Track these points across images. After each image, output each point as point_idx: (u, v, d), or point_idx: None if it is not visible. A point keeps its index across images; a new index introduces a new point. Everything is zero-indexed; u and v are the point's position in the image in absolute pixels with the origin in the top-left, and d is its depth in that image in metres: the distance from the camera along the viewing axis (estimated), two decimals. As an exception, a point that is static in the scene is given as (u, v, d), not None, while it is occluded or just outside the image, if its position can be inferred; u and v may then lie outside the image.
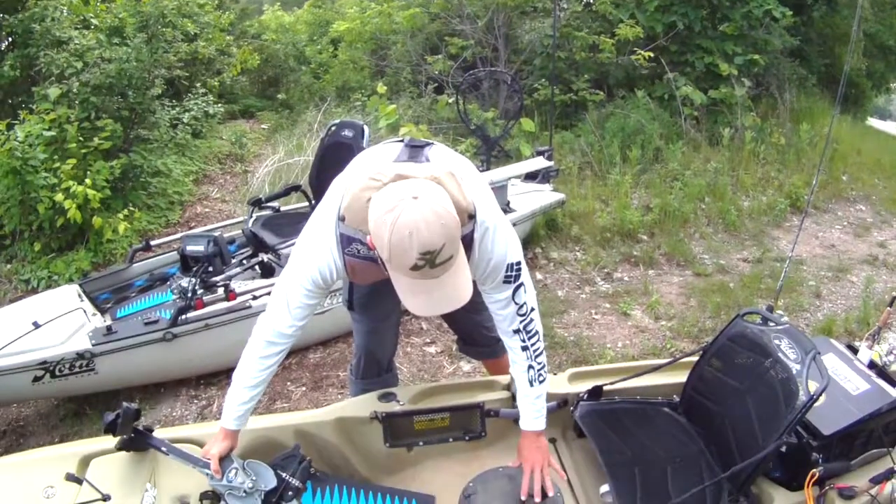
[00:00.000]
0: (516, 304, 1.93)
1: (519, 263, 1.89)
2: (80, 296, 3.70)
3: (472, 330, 2.67)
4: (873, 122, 21.87)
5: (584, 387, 2.36)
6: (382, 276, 1.78)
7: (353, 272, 1.82)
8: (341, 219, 1.71)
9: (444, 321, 2.86)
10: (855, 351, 2.45)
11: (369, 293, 2.37)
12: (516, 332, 1.98)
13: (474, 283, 1.76)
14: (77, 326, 3.36)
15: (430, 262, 1.48)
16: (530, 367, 2.01)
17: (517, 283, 1.91)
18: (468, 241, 1.70)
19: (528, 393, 2.04)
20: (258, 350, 1.87)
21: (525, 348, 1.99)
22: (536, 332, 2.01)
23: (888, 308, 2.70)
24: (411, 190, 1.52)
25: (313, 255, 1.80)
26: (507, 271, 1.86)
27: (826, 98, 10.78)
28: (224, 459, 1.82)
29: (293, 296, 1.84)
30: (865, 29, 13.19)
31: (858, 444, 2.15)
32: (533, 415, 2.06)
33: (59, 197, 4.74)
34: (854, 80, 13.95)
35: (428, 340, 4.23)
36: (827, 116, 8.94)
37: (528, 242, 5.51)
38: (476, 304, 2.28)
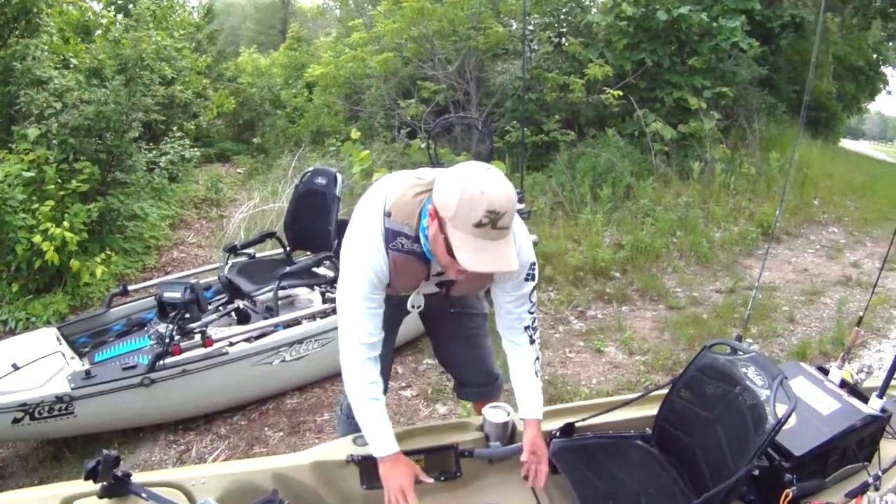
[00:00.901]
0: (531, 302, 2.13)
1: (535, 264, 2.09)
2: (58, 339, 3.70)
3: (472, 366, 2.68)
4: (846, 143, 22.25)
5: (556, 424, 2.38)
6: (417, 278, 2.02)
7: (395, 268, 1.94)
8: (387, 215, 1.88)
9: (444, 364, 2.80)
10: (826, 372, 2.51)
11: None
12: (527, 328, 2.16)
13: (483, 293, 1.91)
14: (56, 369, 3.36)
15: (493, 221, 1.63)
16: (537, 358, 2.20)
17: (534, 283, 2.11)
18: None
19: (534, 383, 2.18)
20: (358, 357, 1.95)
21: (532, 342, 2.18)
22: (538, 329, 2.22)
23: (856, 328, 2.78)
24: (482, 164, 1.74)
25: (362, 258, 1.91)
26: (528, 269, 2.07)
27: (796, 125, 10.96)
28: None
29: (356, 306, 1.94)
30: (834, 52, 13.40)
31: (833, 462, 2.20)
32: (539, 403, 2.18)
33: (37, 238, 4.75)
34: (824, 104, 14.09)
35: (404, 384, 4.23)
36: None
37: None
38: (477, 338, 2.54)
